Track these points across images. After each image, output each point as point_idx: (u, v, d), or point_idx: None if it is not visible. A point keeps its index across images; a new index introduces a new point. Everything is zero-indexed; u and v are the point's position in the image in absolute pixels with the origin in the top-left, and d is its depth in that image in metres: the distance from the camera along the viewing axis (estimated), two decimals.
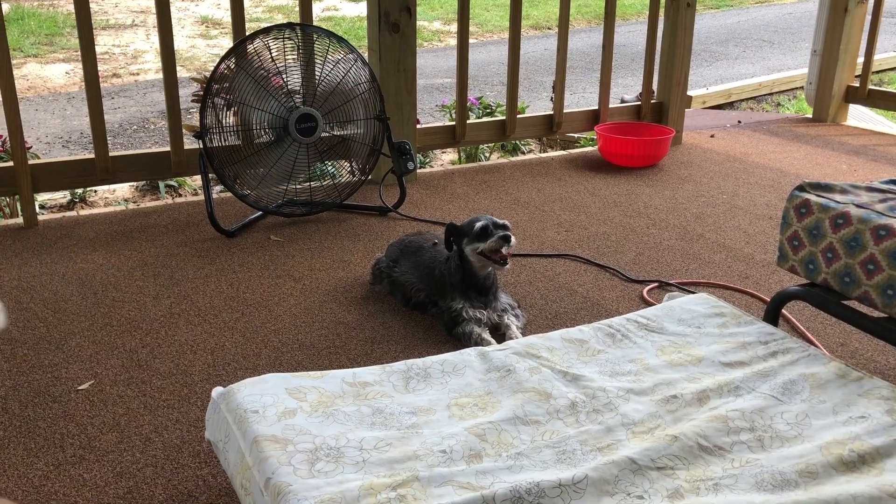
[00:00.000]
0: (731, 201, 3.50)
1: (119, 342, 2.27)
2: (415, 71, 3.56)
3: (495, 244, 2.27)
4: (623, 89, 6.56)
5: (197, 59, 7.72)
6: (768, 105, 6.56)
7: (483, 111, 4.71)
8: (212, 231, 3.03)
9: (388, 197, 3.38)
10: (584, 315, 2.46)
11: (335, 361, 2.19)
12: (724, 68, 8.21)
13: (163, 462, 1.77)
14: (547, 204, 3.44)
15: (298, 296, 2.56)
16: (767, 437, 1.41)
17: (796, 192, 1.96)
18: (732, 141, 4.50)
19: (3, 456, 1.78)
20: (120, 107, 6.32)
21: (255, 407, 1.36)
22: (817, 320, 2.44)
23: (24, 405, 1.97)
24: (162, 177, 3.70)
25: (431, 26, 9.85)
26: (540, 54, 8.40)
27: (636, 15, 10.91)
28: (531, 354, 1.62)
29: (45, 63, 7.56)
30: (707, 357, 1.67)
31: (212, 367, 2.15)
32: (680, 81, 4.30)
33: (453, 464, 1.27)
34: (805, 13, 11.41)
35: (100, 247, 2.91)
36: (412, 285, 2.47)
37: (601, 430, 1.41)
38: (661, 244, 3.02)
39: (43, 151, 5.15)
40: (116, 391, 2.04)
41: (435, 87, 7.06)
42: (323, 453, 1.26)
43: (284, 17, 9.97)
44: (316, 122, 3.05)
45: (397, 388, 1.49)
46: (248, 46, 3.00)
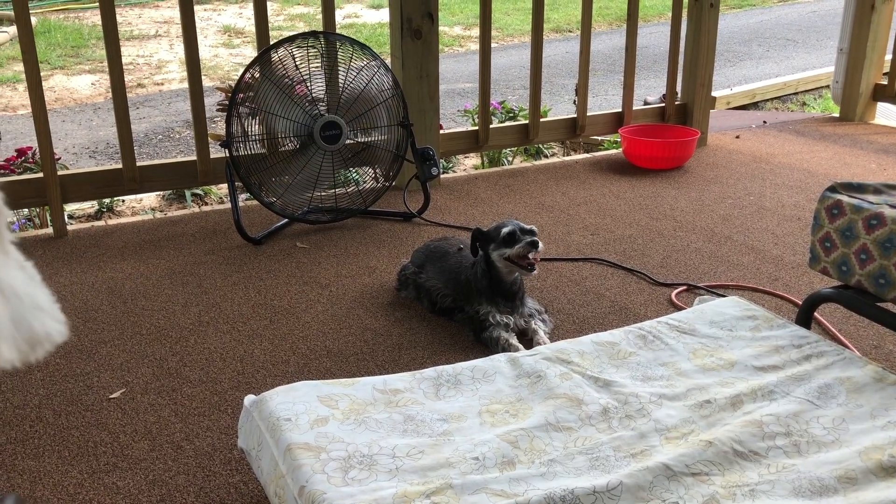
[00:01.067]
0: (759, 202, 3.46)
1: (149, 350, 2.29)
2: (437, 77, 3.57)
3: (522, 250, 2.26)
4: (646, 91, 6.52)
5: (220, 69, 7.78)
6: (794, 105, 6.49)
7: (506, 115, 4.70)
8: (239, 239, 3.05)
9: (412, 203, 3.38)
10: (612, 319, 2.45)
11: (363, 368, 2.19)
12: (747, 68, 8.14)
13: (195, 470, 1.78)
14: (572, 207, 3.42)
15: (325, 302, 2.57)
16: (804, 442, 1.39)
17: (828, 192, 1.94)
18: (758, 141, 4.45)
19: (38, 464, 1.80)
20: (145, 117, 6.38)
21: (287, 415, 1.37)
22: (850, 322, 2.40)
23: (58, 413, 1.99)
24: (188, 186, 3.73)
25: (452, 31, 9.86)
26: (561, 57, 8.38)
27: (658, 16, 10.85)
28: (561, 360, 1.61)
29: (71, 74, 7.66)
30: (740, 361, 1.65)
31: (241, 374, 2.17)
32: (704, 82, 4.27)
33: (486, 471, 1.26)
34: (830, 11, 11.28)
35: (128, 256, 2.94)
36: (438, 291, 2.47)
37: (634, 436, 1.40)
38: (689, 247, 2.99)
39: (70, 162, 5.21)
40: (147, 399, 2.05)
41: (456, 92, 7.06)
42: (356, 461, 1.26)
43: (306, 24, 10.03)
44: (340, 130, 3.06)
45: (428, 394, 1.48)
46: (272, 55, 3.02)
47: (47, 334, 0.50)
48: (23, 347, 0.48)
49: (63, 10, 10.68)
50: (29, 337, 0.48)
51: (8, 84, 7.18)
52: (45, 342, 0.50)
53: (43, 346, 0.50)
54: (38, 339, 0.49)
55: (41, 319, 0.49)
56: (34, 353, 0.49)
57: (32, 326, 0.49)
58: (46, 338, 0.50)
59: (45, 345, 0.50)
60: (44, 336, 0.49)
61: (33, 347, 0.49)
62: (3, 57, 7.92)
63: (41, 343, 0.49)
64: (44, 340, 0.49)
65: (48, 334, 0.50)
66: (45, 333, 0.50)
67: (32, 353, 0.49)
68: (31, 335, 0.48)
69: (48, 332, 0.50)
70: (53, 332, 0.50)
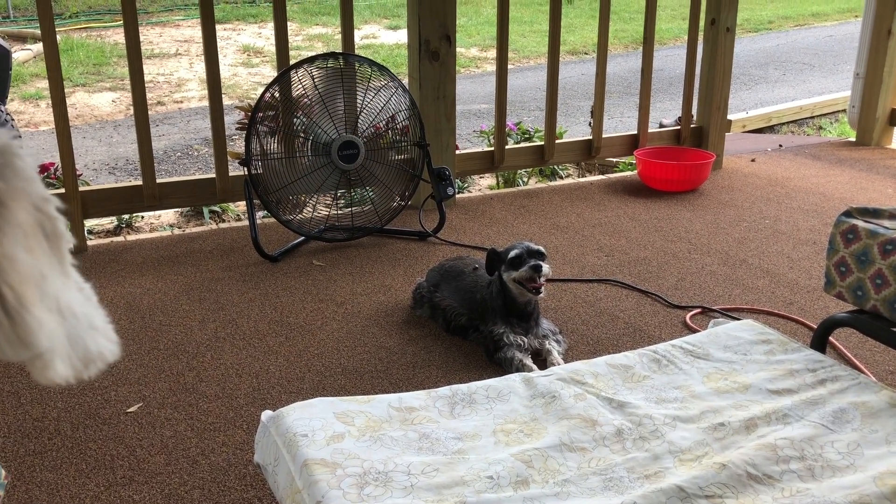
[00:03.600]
0: (774, 226, 3.46)
1: (166, 365, 2.31)
2: (454, 98, 3.60)
3: (526, 273, 2.28)
4: (661, 113, 6.54)
5: (239, 87, 7.87)
6: (810, 129, 6.49)
7: (521, 136, 4.73)
8: (256, 256, 3.08)
9: (427, 222, 3.41)
10: (627, 341, 2.45)
11: (377, 386, 2.20)
12: (763, 92, 8.15)
13: (210, 485, 1.80)
14: (586, 229, 3.43)
15: (341, 320, 2.59)
16: (818, 466, 1.39)
17: (843, 217, 1.94)
18: (774, 165, 4.46)
19: (56, 476, 1.82)
20: (164, 134, 6.46)
21: (304, 431, 1.38)
22: (865, 347, 2.39)
23: (76, 427, 2.01)
24: (207, 203, 3.77)
25: (468, 53, 9.94)
26: (577, 79, 8.42)
27: (674, 39, 10.90)
28: (576, 381, 1.62)
29: (92, 92, 7.77)
30: (754, 384, 1.65)
31: (257, 390, 2.18)
32: (720, 106, 4.28)
33: (501, 490, 1.27)
34: (846, 35, 11.29)
35: (147, 271, 2.97)
36: (453, 310, 2.48)
37: (648, 458, 1.40)
38: (703, 269, 3.00)
39: (90, 178, 5.28)
40: (164, 414, 2.07)
41: (472, 113, 7.11)
42: (371, 477, 1.27)
43: (324, 44, 10.13)
44: (358, 149, 3.10)
45: (443, 413, 1.50)
46: (292, 75, 3.07)
47: (100, 353, 0.52)
48: (77, 365, 0.50)
49: (85, 29, 10.85)
50: (83, 355, 0.50)
51: (30, 101, 7.30)
52: (97, 361, 0.52)
53: (96, 364, 0.52)
54: (91, 357, 0.51)
55: (95, 339, 0.52)
56: (87, 370, 0.51)
57: (87, 345, 0.51)
58: (99, 356, 0.52)
59: (98, 363, 0.52)
60: (97, 355, 0.52)
61: (87, 365, 0.51)
62: (27, 74, 8.05)
63: (94, 361, 0.52)
64: (97, 359, 0.52)
65: (101, 353, 0.52)
66: (99, 352, 0.52)
67: (86, 370, 0.51)
68: (85, 353, 0.51)
69: (101, 351, 0.52)
70: (106, 351, 0.53)
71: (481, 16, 12.28)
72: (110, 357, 0.53)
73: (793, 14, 13.50)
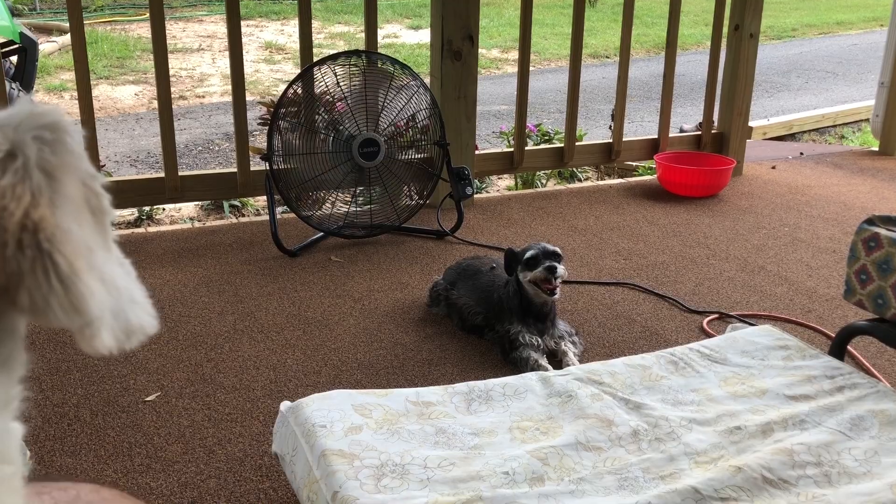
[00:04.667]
0: (793, 234, 3.44)
1: (184, 356, 2.33)
2: (475, 98, 3.61)
3: (541, 275, 2.28)
4: (682, 118, 6.52)
5: (261, 84, 7.92)
6: (832, 137, 6.45)
7: (541, 138, 4.73)
8: (275, 250, 3.10)
9: (445, 221, 3.42)
10: (643, 344, 2.45)
11: (393, 381, 2.21)
12: (785, 99, 8.10)
13: (226, 474, 1.81)
14: (604, 231, 3.43)
15: (358, 315, 2.60)
16: (835, 472, 1.39)
17: (865, 225, 1.93)
18: (794, 173, 4.43)
19: (75, 461, 1.85)
20: (186, 128, 6.51)
21: (322, 421, 1.39)
22: (884, 357, 2.38)
23: (95, 414, 2.04)
24: (228, 197, 3.80)
25: (490, 54, 9.94)
26: (598, 82, 8.41)
27: (695, 45, 10.86)
28: (592, 380, 1.62)
29: (115, 85, 7.84)
30: (771, 389, 1.65)
31: (273, 382, 2.20)
32: (742, 112, 4.27)
33: (516, 486, 1.28)
34: (871, 44, 11.20)
35: (167, 263, 3.00)
36: (470, 308, 2.49)
37: (664, 459, 1.40)
38: (721, 275, 2.99)
39: (112, 169, 5.33)
40: (182, 403, 2.09)
41: (492, 114, 7.11)
42: (388, 469, 1.28)
43: (345, 42, 10.17)
44: (379, 147, 3.11)
45: (459, 409, 1.50)
46: (315, 72, 3.09)
47: (141, 325, 0.54)
48: (120, 336, 0.52)
49: (110, 22, 10.95)
50: (125, 327, 0.53)
51: (55, 92, 7.37)
52: (138, 333, 0.54)
53: (137, 336, 0.54)
54: (132, 329, 0.53)
55: (136, 312, 0.54)
56: (129, 342, 0.53)
57: (128, 318, 0.53)
58: (140, 329, 0.54)
59: (139, 335, 0.54)
60: (138, 327, 0.54)
61: (128, 337, 0.53)
62: (52, 65, 8.13)
63: (135, 333, 0.54)
64: (137, 331, 0.54)
65: (142, 325, 0.54)
66: (140, 325, 0.54)
67: (128, 341, 0.53)
68: (127, 325, 0.53)
69: (141, 324, 0.54)
70: (146, 324, 0.55)
71: (503, 17, 12.28)
72: (150, 330, 0.55)
73: (817, 22, 13.41)
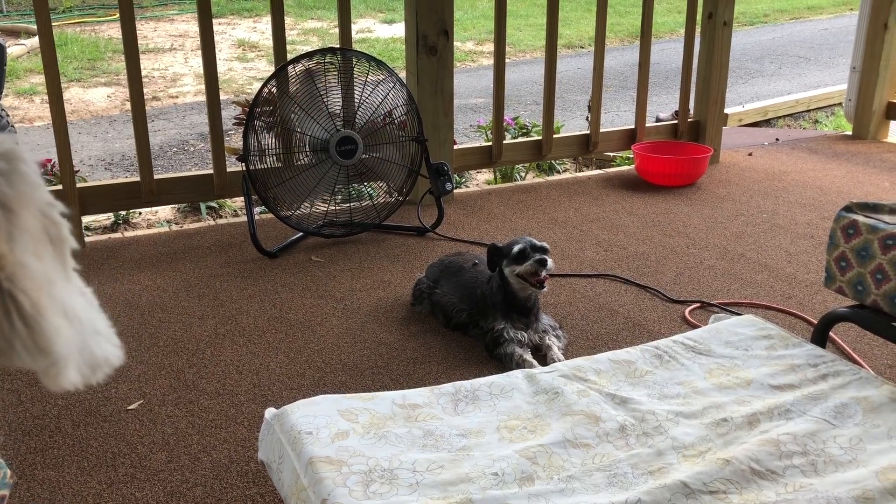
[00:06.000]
0: (772, 220, 3.47)
1: (166, 362, 2.31)
2: (452, 93, 3.59)
3: (531, 268, 2.28)
4: (658, 107, 6.54)
5: (234, 82, 7.85)
6: (806, 122, 6.50)
7: (519, 131, 4.73)
8: (254, 252, 3.07)
9: (425, 217, 3.41)
10: (626, 336, 2.45)
11: (378, 382, 2.20)
12: (760, 85, 8.15)
13: (212, 482, 1.80)
14: (584, 223, 3.44)
15: (340, 316, 2.59)
16: (821, 461, 1.40)
17: (843, 212, 1.94)
18: (771, 159, 4.46)
19: (58, 474, 1.82)
20: (160, 129, 6.43)
21: (308, 428, 1.38)
22: (864, 342, 2.40)
23: (77, 424, 2.01)
24: (205, 199, 3.76)
25: (465, 46, 9.92)
26: (574, 73, 8.42)
27: (669, 33, 10.89)
28: (578, 377, 1.62)
29: (87, 87, 7.73)
30: (756, 380, 1.65)
31: (257, 387, 2.18)
32: (717, 100, 4.28)
33: (506, 486, 1.27)
34: (842, 29, 11.30)
35: (145, 268, 2.97)
36: (453, 306, 2.49)
37: (652, 454, 1.41)
38: (702, 264, 3.00)
39: (86, 174, 5.26)
40: (165, 411, 2.07)
41: (469, 107, 7.10)
42: (377, 475, 1.27)
43: (319, 39, 10.10)
44: (356, 145, 3.09)
45: (446, 410, 1.50)
46: (290, 70, 3.06)
47: (106, 358, 0.52)
48: (85, 371, 0.50)
49: (79, 24, 10.80)
50: (90, 360, 0.50)
51: (25, 96, 7.26)
52: (104, 366, 0.52)
53: (102, 369, 0.52)
54: (98, 362, 0.51)
55: (100, 344, 0.52)
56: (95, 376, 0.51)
57: (93, 351, 0.51)
58: (105, 361, 0.52)
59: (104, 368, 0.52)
60: (103, 360, 0.51)
61: (94, 371, 0.51)
62: (21, 69, 8.01)
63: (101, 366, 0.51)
64: (103, 364, 0.52)
65: (107, 358, 0.52)
66: (104, 357, 0.52)
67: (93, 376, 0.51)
68: (92, 359, 0.50)
69: (106, 356, 0.52)
70: (111, 355, 0.52)
71: (477, 9, 12.25)
72: (116, 361, 0.53)
73: (788, 7, 13.50)
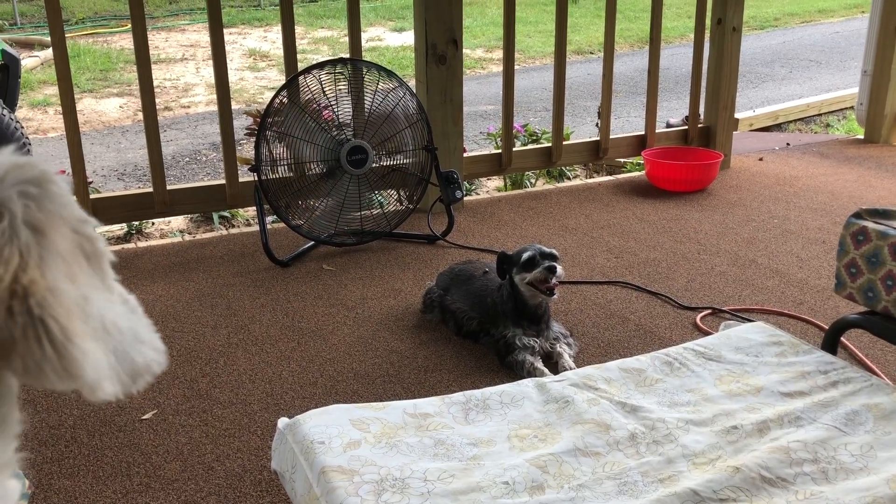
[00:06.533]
0: (783, 226, 3.46)
1: (180, 372, 2.33)
2: (461, 102, 3.61)
3: (541, 275, 2.29)
4: (668, 112, 6.54)
5: (245, 92, 7.90)
6: (817, 126, 6.48)
7: (529, 138, 4.74)
8: (266, 261, 3.09)
9: (436, 225, 3.42)
10: (637, 343, 2.46)
11: (389, 390, 2.21)
12: (770, 89, 8.13)
13: (226, 491, 1.81)
14: (595, 230, 3.44)
15: (352, 325, 2.60)
16: (832, 469, 1.40)
17: (853, 218, 1.94)
18: (782, 164, 4.45)
19: (73, 483, 1.84)
20: (172, 139, 6.48)
21: (321, 438, 1.39)
22: (876, 347, 2.40)
23: (92, 434, 2.03)
24: (217, 209, 3.79)
25: (474, 54, 9.94)
26: (583, 79, 8.42)
27: (679, 38, 10.88)
28: (588, 386, 1.63)
29: (99, 98, 7.80)
30: (766, 387, 1.66)
31: (270, 396, 2.20)
32: (727, 105, 4.28)
33: (516, 495, 1.28)
34: (853, 32, 11.25)
35: (158, 278, 2.99)
36: (464, 314, 2.49)
37: (662, 462, 1.41)
38: (713, 270, 3.00)
39: (99, 184, 5.31)
40: (179, 420, 2.09)
41: (478, 115, 7.11)
42: (388, 484, 1.28)
43: (329, 48, 10.15)
44: (366, 154, 3.11)
45: (457, 419, 1.51)
46: (301, 80, 3.08)
47: (147, 366, 0.52)
48: (125, 380, 0.50)
49: (92, 35, 10.90)
50: (131, 370, 0.51)
51: (39, 107, 7.34)
52: (145, 374, 0.52)
53: (144, 377, 0.52)
54: (139, 371, 0.52)
55: (142, 352, 0.52)
56: (136, 384, 0.52)
57: (134, 359, 0.51)
58: (147, 369, 0.52)
59: (146, 376, 0.52)
60: (144, 368, 0.52)
61: (135, 379, 0.51)
62: (35, 80, 8.09)
63: (142, 375, 0.52)
64: (144, 372, 0.52)
65: (148, 366, 0.53)
66: (146, 365, 0.52)
67: (134, 385, 0.51)
68: (132, 368, 0.51)
69: (148, 364, 0.53)
70: (153, 363, 0.53)
71: (486, 17, 12.28)
72: (158, 368, 0.54)
73: (799, 11, 13.46)
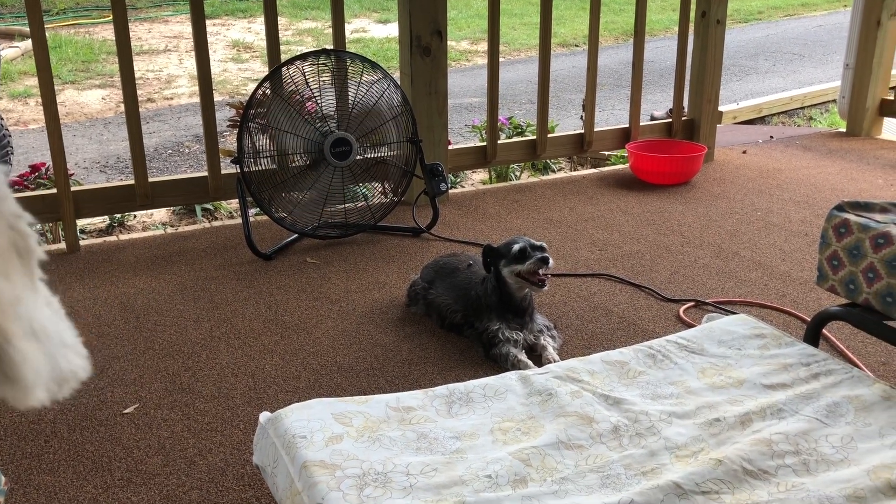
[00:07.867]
0: (766, 218, 3.48)
1: (161, 366, 2.31)
2: (446, 93, 3.60)
3: (533, 266, 2.29)
4: (652, 105, 6.55)
5: (229, 83, 7.84)
6: (800, 119, 6.51)
7: (513, 131, 4.73)
8: (249, 254, 3.07)
9: (420, 218, 3.41)
10: (621, 335, 2.46)
11: (373, 384, 2.21)
12: (754, 82, 8.16)
13: (208, 485, 1.80)
14: (579, 223, 3.44)
15: (335, 318, 2.59)
16: (813, 460, 1.41)
17: (835, 211, 1.95)
18: (765, 156, 4.47)
19: (54, 479, 1.82)
20: (155, 131, 6.43)
21: (302, 432, 1.38)
22: (857, 339, 2.41)
23: (72, 429, 2.01)
24: (200, 201, 3.76)
25: (459, 46, 9.92)
26: (568, 72, 8.42)
27: (664, 30, 10.90)
28: (572, 378, 1.63)
29: (81, 89, 7.72)
30: (748, 379, 1.66)
31: (253, 389, 2.18)
32: (711, 98, 4.29)
33: (499, 489, 1.28)
34: (836, 25, 11.31)
35: (140, 271, 2.97)
36: (448, 307, 2.49)
37: (645, 454, 1.41)
38: (696, 262, 3.01)
39: (81, 176, 5.26)
40: (160, 415, 2.07)
41: (463, 107, 7.10)
42: (371, 478, 1.28)
43: (313, 39, 10.10)
44: (350, 146, 3.09)
45: (440, 412, 1.50)
46: (284, 72, 3.06)
47: (73, 371, 0.50)
48: (52, 388, 0.48)
49: (73, 25, 10.78)
50: (58, 376, 0.48)
51: (19, 99, 7.25)
52: (71, 380, 0.50)
53: (69, 383, 0.50)
54: (65, 377, 0.49)
55: (67, 357, 0.50)
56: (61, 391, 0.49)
57: (60, 365, 0.49)
58: (72, 375, 0.50)
59: (72, 382, 0.50)
60: (70, 374, 0.50)
61: (61, 386, 0.49)
62: (15, 72, 8.00)
63: (68, 381, 0.50)
64: (70, 378, 0.50)
65: (73, 371, 0.50)
66: (71, 371, 0.50)
67: (60, 391, 0.49)
68: (59, 374, 0.48)
69: (73, 370, 0.50)
70: (78, 368, 0.51)
71: (471, 8, 12.25)
72: (83, 375, 0.51)
73: (782, 4, 13.52)
